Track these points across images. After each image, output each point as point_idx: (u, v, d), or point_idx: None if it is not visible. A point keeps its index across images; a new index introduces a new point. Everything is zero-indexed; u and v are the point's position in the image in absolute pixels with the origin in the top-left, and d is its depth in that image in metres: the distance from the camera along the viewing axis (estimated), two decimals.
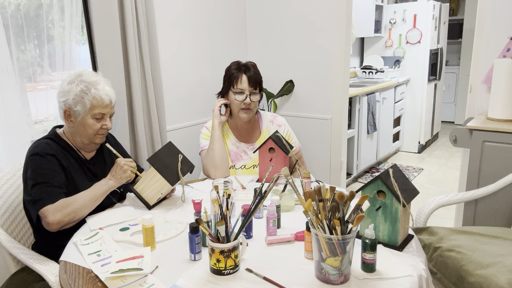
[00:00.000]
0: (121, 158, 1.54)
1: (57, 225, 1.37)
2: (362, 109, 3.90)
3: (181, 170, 1.55)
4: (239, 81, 1.88)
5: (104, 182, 1.50)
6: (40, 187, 1.40)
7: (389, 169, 1.20)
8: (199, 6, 2.63)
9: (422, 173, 4.24)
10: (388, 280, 1.03)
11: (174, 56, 2.50)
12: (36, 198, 1.38)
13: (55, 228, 1.37)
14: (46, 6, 1.92)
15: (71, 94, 1.49)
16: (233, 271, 1.07)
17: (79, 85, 1.49)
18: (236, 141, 1.98)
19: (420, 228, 1.65)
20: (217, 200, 1.11)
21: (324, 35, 2.67)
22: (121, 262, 1.13)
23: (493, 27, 2.25)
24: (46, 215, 1.36)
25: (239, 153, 1.96)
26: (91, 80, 1.52)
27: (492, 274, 1.28)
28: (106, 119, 1.56)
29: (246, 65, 1.92)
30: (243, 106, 1.88)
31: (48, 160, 1.45)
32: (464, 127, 2.10)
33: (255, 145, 1.98)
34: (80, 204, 1.41)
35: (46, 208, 1.36)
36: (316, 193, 1.02)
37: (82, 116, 1.51)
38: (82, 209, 1.41)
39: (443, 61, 5.25)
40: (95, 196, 1.45)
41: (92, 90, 1.49)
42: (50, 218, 1.35)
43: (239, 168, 1.94)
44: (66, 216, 1.37)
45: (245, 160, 1.96)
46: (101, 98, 1.51)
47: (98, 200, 1.46)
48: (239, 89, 1.88)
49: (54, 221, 1.35)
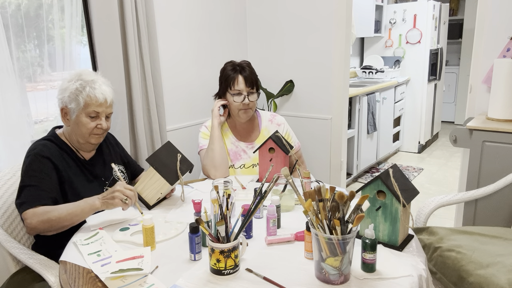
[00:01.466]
0: (121, 183, 1.41)
1: (32, 230, 1.36)
2: (362, 109, 3.90)
3: (180, 170, 1.55)
4: (236, 82, 1.87)
5: (91, 200, 1.38)
6: (27, 190, 1.39)
7: (389, 169, 1.20)
8: (199, 6, 2.63)
9: (422, 173, 4.24)
10: (388, 280, 1.03)
11: (174, 56, 2.50)
12: (21, 201, 1.38)
13: (31, 233, 1.37)
14: (46, 6, 1.92)
15: (67, 92, 1.49)
16: (233, 271, 1.07)
17: (76, 83, 1.49)
18: (235, 140, 1.98)
19: (420, 228, 1.65)
20: (217, 200, 1.11)
21: (324, 35, 2.67)
22: (121, 262, 1.13)
23: (493, 27, 2.25)
24: (25, 218, 1.36)
25: (238, 153, 1.96)
26: (88, 79, 1.51)
27: (492, 274, 1.28)
28: (101, 118, 1.54)
29: (241, 65, 1.91)
30: (242, 106, 1.88)
31: (40, 162, 1.43)
32: (464, 127, 2.09)
33: (254, 144, 1.98)
34: (56, 216, 1.34)
35: (26, 212, 1.36)
36: (316, 193, 1.02)
37: (76, 114, 1.50)
38: (57, 221, 1.34)
39: (443, 61, 5.25)
40: (74, 212, 1.36)
41: (87, 88, 1.49)
42: (27, 222, 1.35)
43: (238, 168, 1.94)
44: (40, 223, 1.34)
45: (244, 160, 1.96)
46: (95, 96, 1.50)
47: (78, 216, 1.37)
48: (236, 90, 1.88)
49: (29, 226, 1.35)
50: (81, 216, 1.38)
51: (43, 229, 1.36)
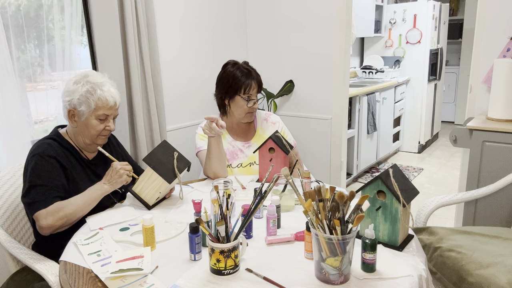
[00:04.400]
0: (116, 162, 1.53)
1: (49, 229, 1.37)
2: (362, 109, 3.90)
3: (178, 168, 1.55)
4: (250, 88, 1.89)
5: (99, 186, 1.48)
6: (36, 190, 1.39)
7: (389, 169, 1.20)
8: (199, 6, 2.63)
9: (422, 173, 4.24)
10: (388, 280, 1.03)
11: (174, 56, 2.50)
12: (31, 201, 1.38)
13: (47, 232, 1.37)
14: (46, 6, 1.92)
15: (77, 94, 1.49)
16: (233, 271, 1.07)
17: (85, 85, 1.49)
18: (232, 140, 1.98)
19: (420, 228, 1.65)
20: (217, 200, 1.11)
21: (324, 35, 2.67)
22: (121, 262, 1.13)
23: (493, 27, 2.25)
24: (39, 219, 1.36)
25: (235, 152, 1.96)
26: (97, 81, 1.52)
27: (492, 274, 1.28)
28: (109, 120, 1.56)
29: (248, 69, 1.92)
30: (249, 110, 1.91)
31: (47, 162, 1.44)
32: (464, 127, 2.10)
33: (250, 143, 1.98)
34: (72, 209, 1.39)
35: (39, 212, 1.36)
36: (316, 193, 1.02)
37: (86, 117, 1.51)
38: (74, 214, 1.40)
39: (443, 61, 5.25)
40: (88, 201, 1.44)
41: (98, 91, 1.50)
42: (42, 223, 1.35)
43: (236, 167, 1.95)
44: (58, 220, 1.36)
45: (242, 159, 1.96)
46: (106, 100, 1.51)
47: (91, 205, 1.45)
48: (249, 95, 1.90)
49: (45, 226, 1.35)
50: (93, 204, 1.46)
51: (60, 225, 1.38)
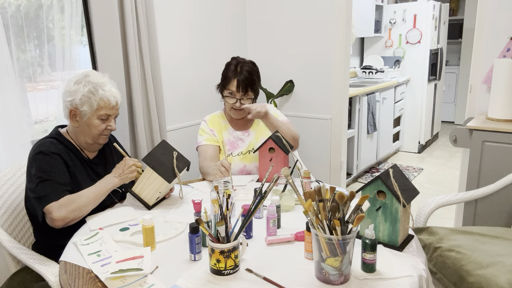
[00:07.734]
0: (128, 158, 1.56)
1: (62, 221, 1.37)
2: (362, 109, 3.90)
3: (177, 167, 1.55)
4: (230, 84, 1.89)
5: (109, 179, 1.51)
6: (45, 184, 1.40)
7: (389, 169, 1.20)
8: (199, 6, 2.62)
9: (422, 173, 4.24)
10: (388, 280, 1.03)
11: (174, 56, 2.50)
12: (41, 195, 1.39)
13: (59, 224, 1.37)
14: (46, 6, 1.92)
15: (78, 94, 1.49)
16: (233, 271, 1.07)
17: (87, 85, 1.50)
18: (233, 130, 2.02)
19: (420, 228, 1.65)
20: (217, 200, 1.11)
21: (324, 35, 2.67)
22: (121, 262, 1.13)
23: (493, 27, 2.25)
24: (51, 211, 1.36)
25: (236, 142, 2.00)
26: (98, 81, 1.52)
27: (492, 274, 1.28)
28: (111, 120, 1.57)
29: (241, 66, 1.90)
30: (232, 106, 1.92)
31: (53, 159, 1.45)
32: (464, 127, 2.09)
33: (249, 131, 2.02)
34: (85, 201, 1.42)
35: (51, 205, 1.37)
36: (316, 193, 1.02)
37: (88, 117, 1.52)
38: (86, 206, 1.43)
39: (443, 61, 5.25)
40: (99, 194, 1.47)
41: (100, 91, 1.50)
42: (55, 214, 1.35)
43: (236, 155, 1.98)
44: (71, 212, 1.38)
45: (241, 147, 2.00)
46: (107, 100, 1.52)
47: (102, 197, 1.48)
48: (229, 91, 1.90)
49: (59, 217, 1.36)
50: (103, 197, 1.49)
51: (72, 218, 1.39)
